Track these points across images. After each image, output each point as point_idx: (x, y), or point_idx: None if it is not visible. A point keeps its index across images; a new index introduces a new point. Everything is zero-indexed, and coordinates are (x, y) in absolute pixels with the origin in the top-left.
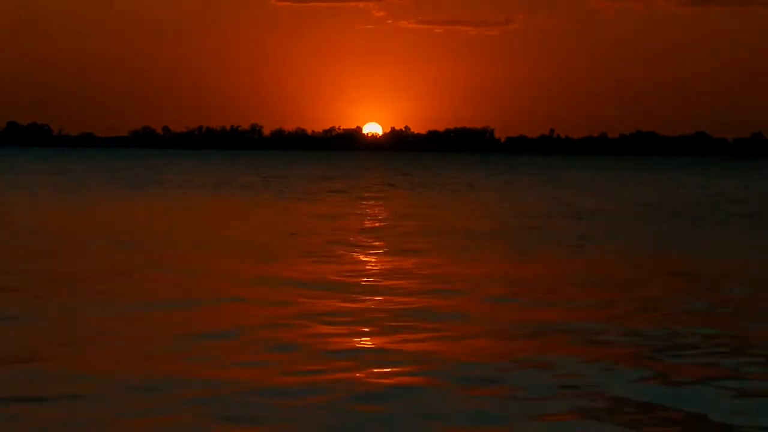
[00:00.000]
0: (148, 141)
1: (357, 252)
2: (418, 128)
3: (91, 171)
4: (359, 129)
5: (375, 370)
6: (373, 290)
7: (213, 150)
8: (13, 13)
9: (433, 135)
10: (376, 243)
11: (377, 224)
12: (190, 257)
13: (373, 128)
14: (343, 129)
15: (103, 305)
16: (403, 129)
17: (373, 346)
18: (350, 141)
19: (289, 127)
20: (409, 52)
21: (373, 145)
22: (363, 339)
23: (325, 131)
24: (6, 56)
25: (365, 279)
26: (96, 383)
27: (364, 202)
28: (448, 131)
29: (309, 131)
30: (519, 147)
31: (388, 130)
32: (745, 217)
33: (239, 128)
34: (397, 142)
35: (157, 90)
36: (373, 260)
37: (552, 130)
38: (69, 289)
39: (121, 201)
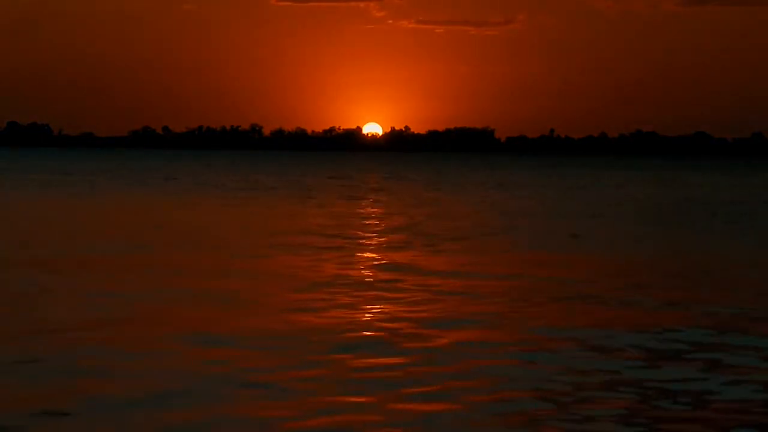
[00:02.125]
0: (148, 141)
1: None
2: (418, 128)
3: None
4: (359, 129)
5: None
6: None
7: (213, 150)
8: (13, 13)
9: (433, 135)
10: None
11: None
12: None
13: (373, 128)
14: (343, 129)
15: None
16: (403, 129)
17: None
18: (350, 141)
19: (289, 127)
20: (409, 52)
21: (373, 145)
22: None
23: (325, 131)
24: (6, 56)
25: None
26: None
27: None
28: (448, 131)
29: (309, 131)
30: (519, 147)
31: (388, 130)
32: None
33: (239, 128)
34: (397, 142)
35: (157, 90)
36: None
37: (552, 130)
38: None
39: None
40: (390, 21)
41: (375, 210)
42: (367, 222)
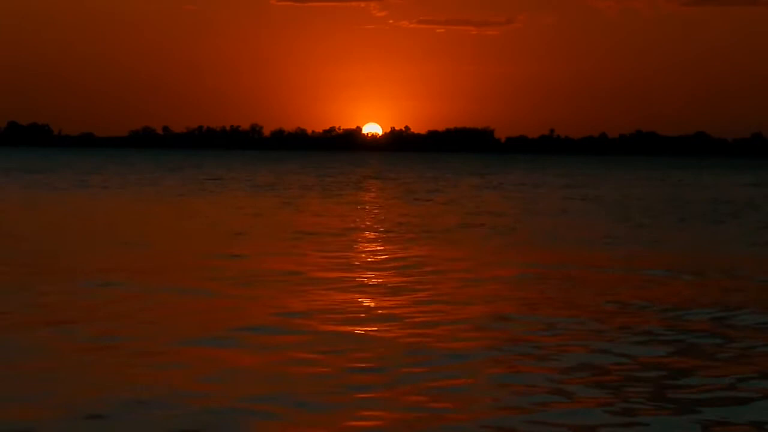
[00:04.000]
0: (148, 141)
1: None
2: (418, 128)
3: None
4: (359, 129)
5: None
6: None
7: (213, 150)
8: (13, 13)
9: (433, 135)
10: None
11: None
12: None
13: (373, 128)
14: (343, 129)
15: None
16: (403, 129)
17: None
18: (350, 141)
19: (289, 127)
20: (410, 52)
21: (373, 145)
22: None
23: (325, 131)
24: (6, 56)
25: None
26: None
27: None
28: (448, 131)
29: (309, 131)
30: (519, 147)
31: (388, 130)
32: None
33: (239, 128)
34: (397, 142)
35: (157, 90)
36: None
37: (552, 130)
38: None
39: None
40: (390, 21)
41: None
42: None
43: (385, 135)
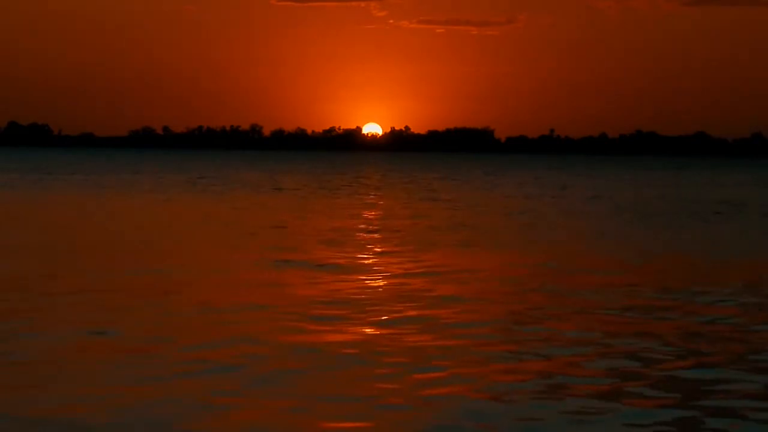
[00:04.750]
0: (148, 141)
1: None
2: (418, 128)
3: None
4: (359, 129)
5: None
6: None
7: (213, 150)
8: (13, 13)
9: (433, 135)
10: None
11: None
12: None
13: (373, 128)
14: (343, 129)
15: None
16: (403, 129)
17: None
18: (350, 141)
19: (289, 127)
20: (410, 52)
21: (373, 145)
22: None
23: (325, 131)
24: (6, 56)
25: None
26: None
27: None
28: (448, 131)
29: (309, 131)
30: (519, 147)
31: (388, 130)
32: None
33: (239, 128)
34: (397, 142)
35: (157, 90)
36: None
37: (552, 130)
38: None
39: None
40: (391, 21)
41: None
42: None
43: (385, 135)
